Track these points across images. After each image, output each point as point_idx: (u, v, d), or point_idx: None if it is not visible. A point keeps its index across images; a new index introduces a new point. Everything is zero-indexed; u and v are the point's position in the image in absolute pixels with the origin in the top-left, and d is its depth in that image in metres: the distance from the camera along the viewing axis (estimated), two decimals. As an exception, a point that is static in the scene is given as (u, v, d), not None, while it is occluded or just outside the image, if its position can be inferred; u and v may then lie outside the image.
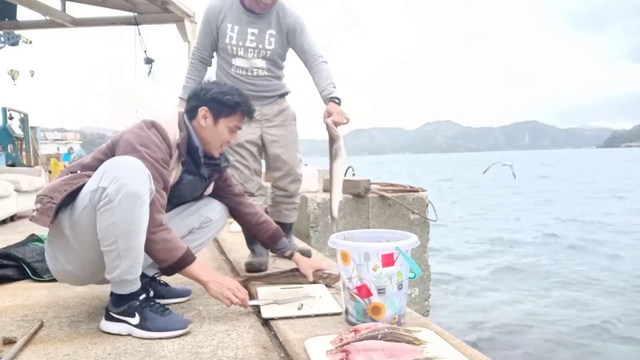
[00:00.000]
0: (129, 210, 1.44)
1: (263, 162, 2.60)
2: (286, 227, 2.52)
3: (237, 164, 2.41)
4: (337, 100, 2.29)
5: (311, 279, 1.99)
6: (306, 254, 2.48)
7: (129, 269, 1.50)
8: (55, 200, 1.48)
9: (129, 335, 1.52)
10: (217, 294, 1.64)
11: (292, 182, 2.54)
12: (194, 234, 1.93)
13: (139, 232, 1.49)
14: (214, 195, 2.00)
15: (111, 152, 1.64)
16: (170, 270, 1.60)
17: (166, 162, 1.63)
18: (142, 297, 1.56)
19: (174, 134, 1.67)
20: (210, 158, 1.84)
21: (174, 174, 1.73)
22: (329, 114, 2.21)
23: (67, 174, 1.61)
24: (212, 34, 2.41)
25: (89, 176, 1.53)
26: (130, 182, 1.44)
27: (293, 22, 2.41)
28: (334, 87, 2.34)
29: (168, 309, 1.59)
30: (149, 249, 1.55)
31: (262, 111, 2.46)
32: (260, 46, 2.40)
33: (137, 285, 1.56)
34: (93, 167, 1.58)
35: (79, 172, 1.61)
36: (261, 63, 2.43)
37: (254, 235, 2.10)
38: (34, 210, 1.53)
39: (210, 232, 1.98)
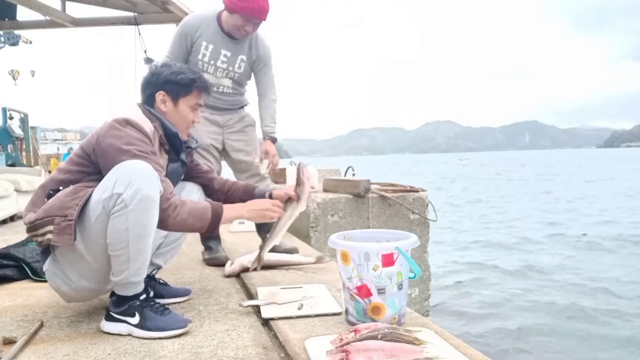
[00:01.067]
0: (142, 214, 1.45)
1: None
2: (266, 224, 2.56)
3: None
4: (274, 140, 2.69)
5: (293, 194, 1.92)
6: (292, 251, 2.71)
7: (136, 271, 1.51)
8: (71, 217, 1.45)
9: (129, 335, 1.52)
10: (259, 218, 1.76)
11: (259, 181, 2.72)
12: None
13: (149, 236, 1.50)
14: (190, 179, 1.99)
15: (89, 161, 1.59)
16: (211, 229, 1.64)
17: (154, 153, 1.62)
18: (143, 297, 1.56)
19: (148, 126, 1.64)
20: (185, 142, 1.84)
21: (162, 164, 1.70)
22: (265, 152, 2.64)
23: (47, 192, 1.57)
24: (186, 48, 2.55)
25: (87, 187, 1.53)
26: (143, 186, 1.45)
27: (263, 54, 2.64)
28: (275, 125, 2.70)
29: (168, 308, 1.59)
30: (184, 228, 1.61)
31: (224, 119, 2.68)
32: (230, 68, 2.60)
33: (141, 287, 1.56)
34: (73, 180, 1.57)
35: (71, 186, 1.55)
36: (228, 82, 2.64)
37: (232, 201, 1.99)
38: (40, 235, 1.49)
39: None
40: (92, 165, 1.59)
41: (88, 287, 1.61)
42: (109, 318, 1.56)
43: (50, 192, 1.57)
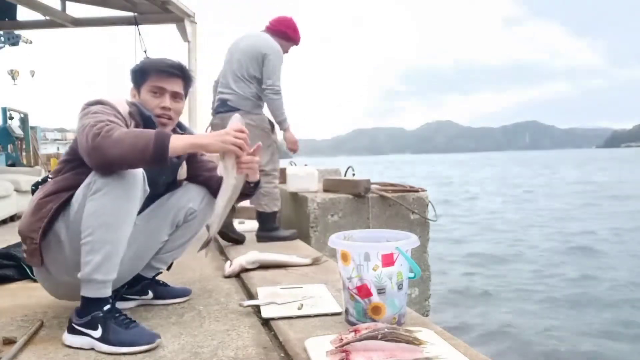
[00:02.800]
0: (112, 201, 1.41)
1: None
2: (268, 215, 3.22)
3: None
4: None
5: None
6: (292, 236, 3.27)
7: (99, 265, 1.41)
8: (36, 240, 1.48)
9: (92, 349, 1.41)
10: (218, 146, 1.46)
11: (262, 176, 2.81)
12: (181, 230, 1.84)
13: (117, 227, 1.42)
14: (193, 178, 1.87)
15: (73, 150, 1.55)
16: (158, 154, 1.36)
17: (122, 120, 1.53)
18: (107, 307, 1.44)
19: (122, 107, 1.58)
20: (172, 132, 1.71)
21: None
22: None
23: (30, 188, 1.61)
24: None
25: (56, 191, 1.51)
26: (125, 175, 1.43)
27: None
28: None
29: (134, 322, 1.48)
30: (124, 151, 1.35)
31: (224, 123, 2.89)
32: None
33: (107, 292, 1.45)
34: (63, 170, 1.57)
35: (35, 200, 1.54)
36: None
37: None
38: (23, 251, 1.57)
39: (197, 224, 1.86)
40: (78, 157, 1.50)
41: (70, 282, 1.52)
42: (71, 330, 1.45)
43: (32, 187, 1.60)
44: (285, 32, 3.25)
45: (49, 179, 1.61)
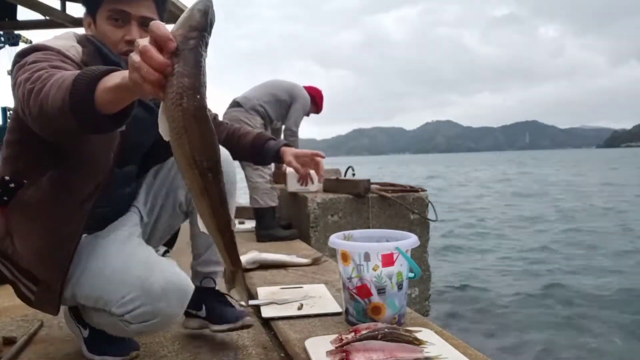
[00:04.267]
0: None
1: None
2: (265, 211, 3.35)
3: None
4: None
5: (296, 165, 1.58)
6: (293, 235, 3.36)
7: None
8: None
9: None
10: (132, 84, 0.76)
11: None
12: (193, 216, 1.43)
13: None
14: None
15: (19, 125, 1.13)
16: (80, 114, 0.84)
17: (74, 65, 1.08)
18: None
19: (73, 49, 1.15)
20: None
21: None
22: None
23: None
24: None
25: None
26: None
27: None
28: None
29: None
30: (48, 115, 0.88)
31: None
32: None
33: None
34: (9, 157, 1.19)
35: None
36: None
37: (240, 155, 1.62)
38: None
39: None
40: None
41: None
42: (71, 312, 1.37)
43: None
44: (314, 97, 3.86)
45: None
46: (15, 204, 1.17)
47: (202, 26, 0.73)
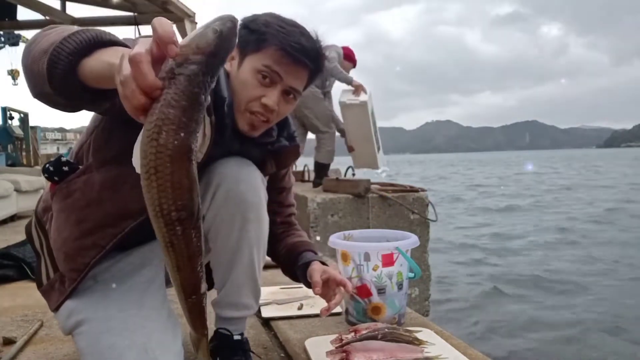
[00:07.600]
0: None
1: None
2: None
3: None
4: None
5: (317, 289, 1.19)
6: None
7: None
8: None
9: None
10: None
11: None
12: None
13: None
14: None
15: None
16: (56, 79, 0.72)
17: None
18: None
19: None
20: (266, 134, 1.12)
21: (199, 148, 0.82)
22: None
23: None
24: None
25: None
26: None
27: None
28: None
29: None
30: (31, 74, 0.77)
31: None
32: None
33: None
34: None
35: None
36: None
37: (274, 255, 1.35)
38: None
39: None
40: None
41: None
42: None
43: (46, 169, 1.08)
44: (348, 55, 4.51)
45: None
46: (61, 188, 1.06)
47: (210, 50, 0.59)
